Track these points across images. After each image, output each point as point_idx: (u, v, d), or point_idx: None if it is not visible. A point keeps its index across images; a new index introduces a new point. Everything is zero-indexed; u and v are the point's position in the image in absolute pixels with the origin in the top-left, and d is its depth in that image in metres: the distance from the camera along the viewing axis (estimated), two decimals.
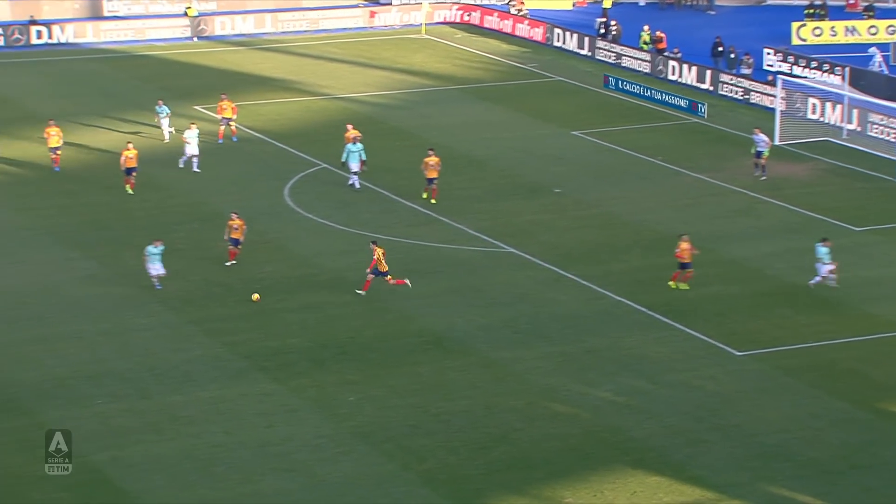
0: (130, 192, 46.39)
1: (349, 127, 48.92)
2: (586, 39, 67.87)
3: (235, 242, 40.39)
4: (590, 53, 67.46)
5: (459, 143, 53.09)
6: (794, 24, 70.02)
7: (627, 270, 40.93)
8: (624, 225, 45.01)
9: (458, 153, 51.78)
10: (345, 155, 47.23)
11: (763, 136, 49.66)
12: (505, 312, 37.73)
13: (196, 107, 57.79)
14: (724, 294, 39.22)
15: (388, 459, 29.90)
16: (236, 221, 40.37)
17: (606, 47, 66.79)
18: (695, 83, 61.62)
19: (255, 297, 34.26)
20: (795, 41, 68.67)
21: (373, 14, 74.06)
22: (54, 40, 68.38)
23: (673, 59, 63.39)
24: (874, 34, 69.38)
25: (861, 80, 57.78)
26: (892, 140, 52.07)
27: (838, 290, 38.84)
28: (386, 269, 37.84)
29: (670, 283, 39.20)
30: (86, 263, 40.86)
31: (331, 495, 28.52)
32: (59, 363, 34.26)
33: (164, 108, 52.52)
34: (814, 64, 61.78)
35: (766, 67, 63.37)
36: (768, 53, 64.29)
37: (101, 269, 40.53)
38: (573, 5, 77.98)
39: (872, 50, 64.64)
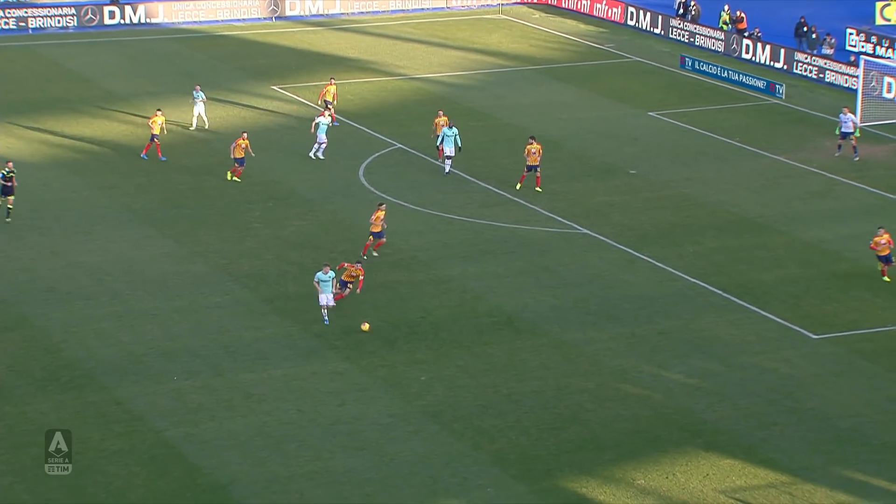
0: (229, 178, 46.12)
1: (440, 112, 48.74)
2: (660, 18, 67.42)
3: (376, 235, 39.43)
4: (663, 32, 67.00)
5: (533, 123, 52.99)
6: (879, 4, 68.89)
7: (702, 252, 40.68)
8: (699, 206, 44.72)
9: (531, 134, 51.68)
10: (439, 139, 47.11)
11: (851, 116, 49.05)
12: (577, 293, 37.69)
13: (273, 87, 58.27)
14: (801, 276, 38.85)
15: (457, 439, 30.05)
16: (381, 213, 39.38)
17: (680, 26, 66.30)
18: (769, 62, 61.00)
19: (366, 326, 33.25)
20: (879, 21, 67.59)
21: None
22: (126, 21, 69.05)
23: (747, 38, 62.71)
24: None
25: None
26: None
27: None
28: (350, 283, 35.98)
29: (885, 278, 38.02)
30: (162, 241, 41.42)
31: (400, 474, 28.72)
32: (135, 340, 34.80)
33: (201, 93, 51.63)
34: None
35: (848, 48, 62.51)
36: (851, 34, 63.40)
37: (177, 247, 41.06)
38: None
39: None
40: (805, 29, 63.69)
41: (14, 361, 33.51)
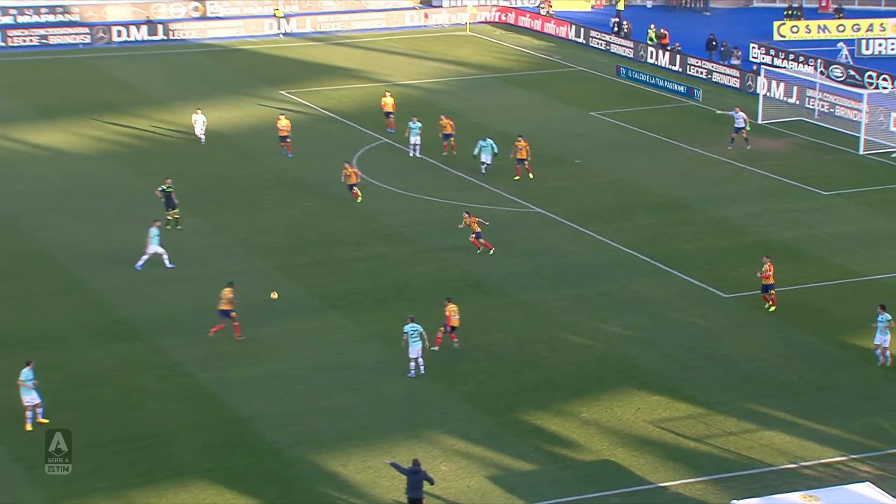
0: (359, 200, 42.82)
1: (442, 116, 48.34)
2: (591, 34, 67.59)
3: (476, 235, 37.14)
4: (594, 44, 67.18)
5: (496, 122, 52.96)
6: (776, 23, 69.15)
7: (634, 228, 40.89)
8: (632, 190, 44.90)
9: (494, 130, 51.63)
10: (476, 149, 45.79)
11: (742, 114, 49.32)
12: (533, 262, 37.85)
13: (281, 91, 58.05)
14: (715, 247, 39.14)
15: (436, 381, 30.23)
16: (469, 219, 37.24)
17: (615, 42, 66.50)
18: (670, 66, 61.46)
19: (274, 295, 31.45)
20: (776, 37, 67.87)
21: (427, 15, 73.86)
22: (132, 38, 67.87)
23: (669, 51, 62.85)
24: (842, 32, 68.41)
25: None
26: (855, 120, 51.52)
27: (808, 242, 38.62)
28: (456, 325, 31.54)
29: (767, 306, 33.65)
30: (192, 220, 41.30)
31: (390, 409, 28.92)
32: (172, 300, 34.80)
33: (202, 116, 49.28)
34: (791, 56, 61.14)
35: (751, 59, 62.76)
36: (754, 47, 63.67)
37: (205, 224, 40.98)
38: (592, 7, 77.34)
39: (840, 45, 63.91)
40: (714, 44, 63.96)
41: (74, 318, 33.47)
